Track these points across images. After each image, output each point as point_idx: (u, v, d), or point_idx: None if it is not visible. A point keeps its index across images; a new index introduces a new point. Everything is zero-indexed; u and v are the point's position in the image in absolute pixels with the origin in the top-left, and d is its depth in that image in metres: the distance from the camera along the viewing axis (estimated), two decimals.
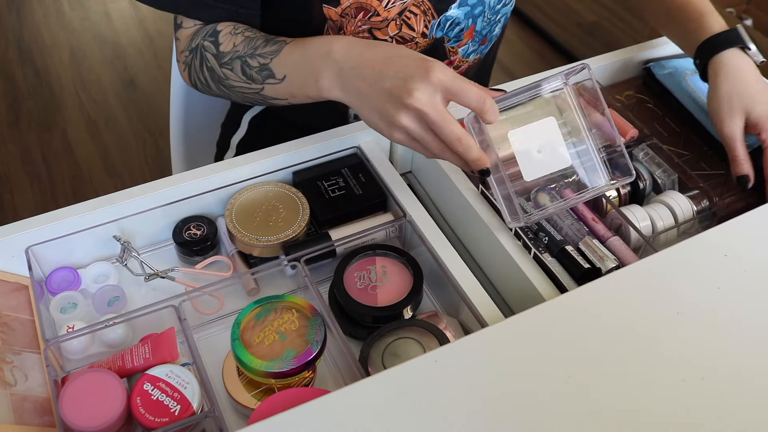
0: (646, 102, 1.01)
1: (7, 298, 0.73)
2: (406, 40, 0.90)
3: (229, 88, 0.82)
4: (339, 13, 0.86)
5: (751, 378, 0.62)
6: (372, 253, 0.79)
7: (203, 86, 0.85)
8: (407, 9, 0.87)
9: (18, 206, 2.04)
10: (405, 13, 0.87)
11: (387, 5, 0.85)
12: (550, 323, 0.65)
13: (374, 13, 0.86)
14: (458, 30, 0.92)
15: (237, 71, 0.80)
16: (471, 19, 0.92)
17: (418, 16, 0.88)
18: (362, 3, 0.85)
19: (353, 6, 0.85)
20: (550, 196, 0.82)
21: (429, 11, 0.88)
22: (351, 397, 0.60)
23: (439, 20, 0.89)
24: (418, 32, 0.89)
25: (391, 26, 0.88)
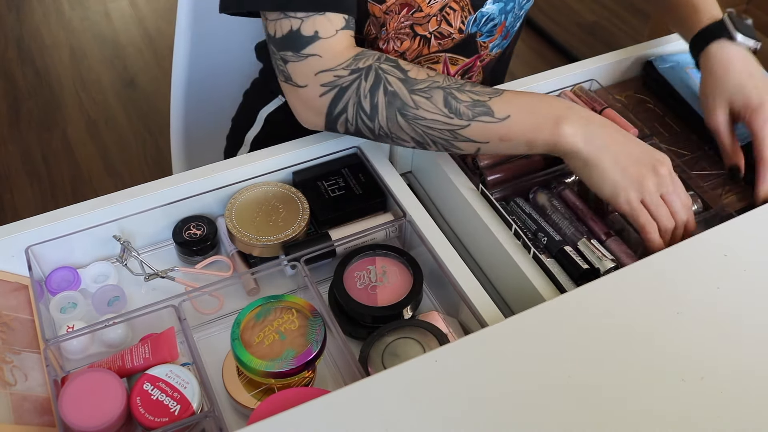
0: (646, 102, 1.01)
1: (7, 298, 0.73)
2: (444, 35, 0.90)
3: (413, 119, 0.74)
4: (383, 10, 0.85)
5: (751, 378, 0.63)
6: (372, 253, 0.79)
7: (359, 115, 0.76)
8: (448, 5, 0.86)
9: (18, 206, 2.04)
10: (445, 9, 0.86)
11: (430, 1, 0.85)
12: (550, 323, 0.65)
13: (417, 8, 0.85)
14: (492, 25, 0.91)
15: (437, 101, 0.74)
16: (504, 15, 0.91)
17: (456, 11, 0.87)
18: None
19: (398, 2, 0.84)
20: (548, 196, 0.82)
21: (467, 7, 0.87)
22: (351, 397, 0.60)
23: (475, 16, 0.89)
24: (455, 28, 0.89)
25: (432, 22, 0.87)
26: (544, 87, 0.95)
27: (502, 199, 0.83)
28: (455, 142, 0.75)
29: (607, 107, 0.92)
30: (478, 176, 0.83)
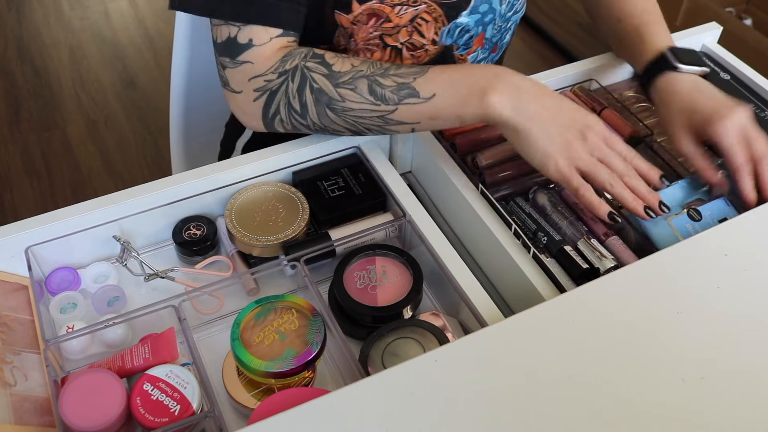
0: (646, 102, 1.01)
1: (7, 298, 0.73)
2: (417, 47, 0.90)
3: (342, 111, 0.76)
4: (351, 20, 0.85)
5: (751, 378, 0.63)
6: (372, 253, 0.79)
7: (291, 115, 0.78)
8: (419, 16, 0.86)
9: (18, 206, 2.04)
10: (416, 20, 0.87)
11: (399, 12, 0.85)
12: (550, 323, 0.65)
13: (386, 19, 0.85)
14: (468, 37, 0.92)
15: (362, 91, 0.75)
16: (481, 27, 0.92)
17: (429, 23, 0.87)
18: (375, 9, 0.84)
19: (365, 12, 0.84)
20: (548, 195, 0.82)
21: (440, 18, 0.88)
22: (351, 397, 0.60)
23: (449, 27, 0.89)
24: (428, 39, 0.89)
25: (402, 33, 0.88)
26: None
27: (502, 199, 0.83)
28: (388, 126, 0.77)
29: (606, 107, 0.92)
30: (478, 176, 0.83)
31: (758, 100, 0.96)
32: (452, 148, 0.87)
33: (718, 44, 1.06)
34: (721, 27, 1.06)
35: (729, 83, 0.99)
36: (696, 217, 0.78)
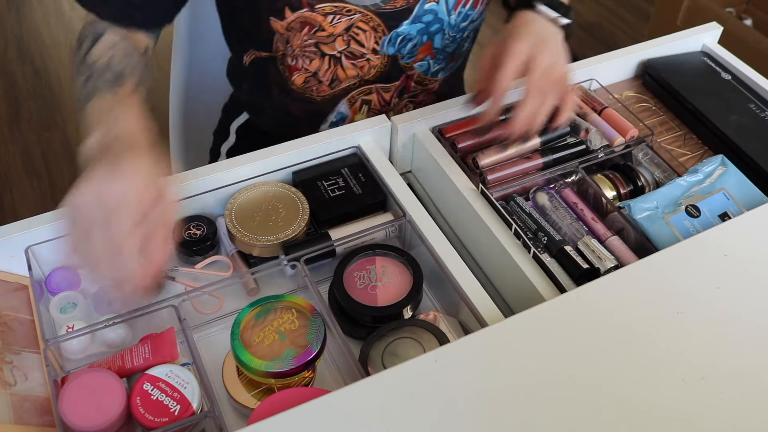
0: (646, 102, 1.01)
1: (7, 298, 0.73)
2: (356, 56, 0.91)
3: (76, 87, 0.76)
4: (285, 27, 0.87)
5: (751, 378, 0.63)
6: (372, 252, 0.78)
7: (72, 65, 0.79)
8: (354, 25, 0.87)
9: (18, 206, 2.04)
10: (353, 29, 0.88)
11: (333, 21, 0.86)
12: (550, 323, 0.65)
13: (319, 28, 0.87)
14: (411, 46, 0.92)
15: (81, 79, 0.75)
16: (426, 36, 0.92)
17: (367, 32, 0.88)
18: (307, 18, 0.85)
19: (298, 20, 0.86)
20: (548, 195, 0.82)
21: (379, 27, 0.88)
22: (351, 397, 0.60)
23: (390, 36, 0.90)
24: (368, 48, 0.90)
25: (339, 41, 0.89)
26: None
27: (502, 199, 0.83)
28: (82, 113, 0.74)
29: (607, 107, 0.92)
30: (478, 176, 0.84)
31: (758, 100, 0.96)
32: (452, 148, 0.87)
33: (718, 44, 1.06)
34: (721, 27, 1.06)
35: (729, 83, 0.99)
36: (694, 213, 0.78)
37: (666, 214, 0.78)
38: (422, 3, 0.88)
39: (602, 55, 1.01)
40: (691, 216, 0.78)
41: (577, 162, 0.85)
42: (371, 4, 0.86)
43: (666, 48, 1.03)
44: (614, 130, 0.89)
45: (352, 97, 0.97)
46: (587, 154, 0.87)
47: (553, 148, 0.86)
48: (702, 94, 0.97)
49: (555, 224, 0.80)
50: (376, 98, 0.98)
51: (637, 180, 0.85)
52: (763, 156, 0.87)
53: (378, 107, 0.99)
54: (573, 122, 0.89)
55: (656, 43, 1.03)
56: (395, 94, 0.98)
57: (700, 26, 1.06)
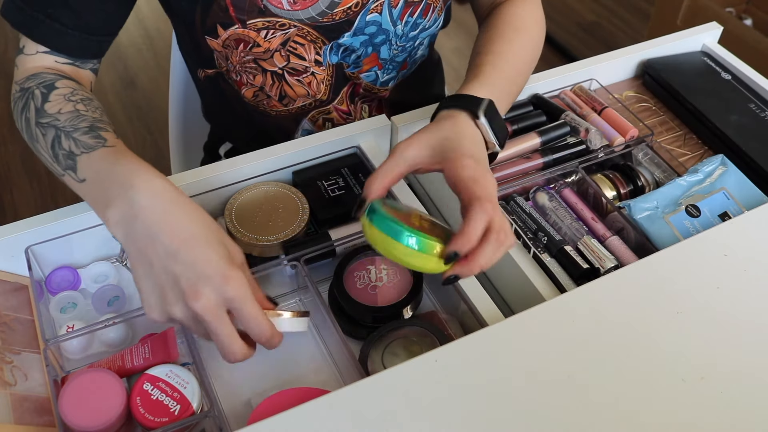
0: (646, 102, 1.01)
1: (7, 298, 0.73)
2: (300, 71, 0.89)
3: (37, 151, 0.71)
4: (221, 44, 0.86)
5: (750, 378, 0.63)
6: (372, 252, 0.78)
7: (20, 130, 0.74)
8: (291, 39, 0.85)
9: (18, 206, 2.04)
10: (290, 44, 0.85)
11: (267, 36, 0.84)
12: (550, 323, 0.65)
13: (254, 44, 0.85)
14: (355, 57, 0.90)
15: (48, 141, 0.69)
16: (371, 47, 0.89)
17: (305, 45, 0.86)
18: (240, 34, 0.84)
19: (232, 38, 0.85)
20: (548, 195, 0.82)
21: (318, 39, 0.86)
22: (351, 397, 0.60)
23: (331, 45, 0.87)
24: (310, 60, 0.88)
25: (277, 57, 0.87)
26: (544, 87, 0.95)
27: (502, 199, 0.83)
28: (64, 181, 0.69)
29: (607, 107, 0.92)
30: None
31: (758, 100, 0.96)
32: None
33: (718, 44, 1.06)
34: (721, 27, 1.06)
35: (729, 83, 0.99)
36: (694, 213, 0.78)
37: (666, 213, 0.78)
38: (363, 14, 0.85)
39: (602, 55, 1.01)
40: (691, 216, 0.78)
41: (577, 162, 0.85)
42: (306, 17, 0.83)
43: (666, 48, 1.03)
44: (614, 130, 0.89)
45: (312, 116, 0.97)
46: (587, 154, 0.87)
47: (553, 148, 0.86)
48: (702, 94, 0.97)
49: (555, 224, 0.80)
50: (336, 114, 0.97)
51: (637, 180, 0.85)
52: (763, 156, 0.87)
53: (342, 121, 0.98)
54: (573, 122, 0.89)
55: (656, 43, 1.03)
56: (347, 100, 0.96)
57: (700, 26, 1.06)
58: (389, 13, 0.86)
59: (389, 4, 0.85)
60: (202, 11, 0.83)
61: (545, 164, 0.85)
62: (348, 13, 0.84)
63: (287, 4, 0.82)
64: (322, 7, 0.82)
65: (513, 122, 0.90)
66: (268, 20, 0.83)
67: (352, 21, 0.85)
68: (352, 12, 0.84)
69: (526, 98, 0.95)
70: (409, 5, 0.87)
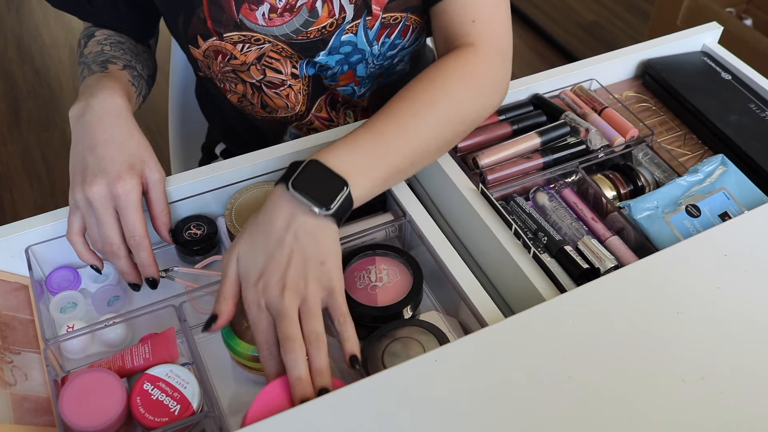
0: (646, 102, 1.01)
1: (7, 297, 0.73)
2: (276, 84, 0.90)
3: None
4: (201, 54, 0.88)
5: (751, 378, 0.63)
6: (372, 253, 0.78)
7: None
8: (266, 54, 0.86)
9: (18, 206, 2.04)
10: (265, 58, 0.87)
11: (243, 49, 0.85)
12: (550, 323, 0.65)
13: (231, 56, 0.86)
14: (331, 73, 0.90)
15: (80, 73, 0.86)
16: (346, 65, 0.89)
17: (280, 60, 0.87)
18: (218, 46, 0.86)
19: (211, 49, 0.86)
20: (548, 195, 0.82)
21: (293, 56, 0.87)
22: (351, 397, 0.60)
23: (307, 59, 0.88)
24: (286, 74, 0.89)
25: (254, 71, 0.88)
26: (544, 87, 0.95)
27: (502, 199, 0.83)
28: None
29: (607, 107, 0.92)
30: (478, 176, 0.84)
31: (758, 100, 0.96)
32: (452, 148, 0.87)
33: (718, 44, 1.06)
34: (721, 27, 1.06)
35: (729, 83, 0.99)
36: (694, 213, 0.78)
37: (666, 213, 0.78)
38: (338, 34, 0.85)
39: (602, 55, 1.01)
40: (692, 216, 0.78)
41: (577, 162, 0.85)
42: (281, 34, 0.84)
43: (666, 48, 1.03)
44: (614, 130, 0.89)
45: (296, 125, 0.97)
46: (587, 154, 0.87)
47: (553, 148, 0.86)
48: (702, 94, 0.97)
49: (555, 224, 0.80)
50: (318, 123, 0.97)
51: (637, 180, 0.85)
52: (763, 156, 0.87)
53: (325, 129, 0.98)
54: (573, 122, 0.89)
55: (656, 43, 1.03)
56: (327, 108, 0.96)
57: (700, 26, 1.06)
58: (365, 33, 0.86)
59: (365, 25, 0.85)
60: (184, 22, 0.85)
61: (545, 164, 0.85)
62: (323, 32, 0.84)
63: (262, 20, 0.82)
64: (296, 25, 0.83)
65: (513, 122, 0.90)
66: (243, 34, 0.84)
67: (327, 40, 0.85)
68: (327, 31, 0.84)
69: (526, 98, 0.95)
70: (386, 27, 0.87)
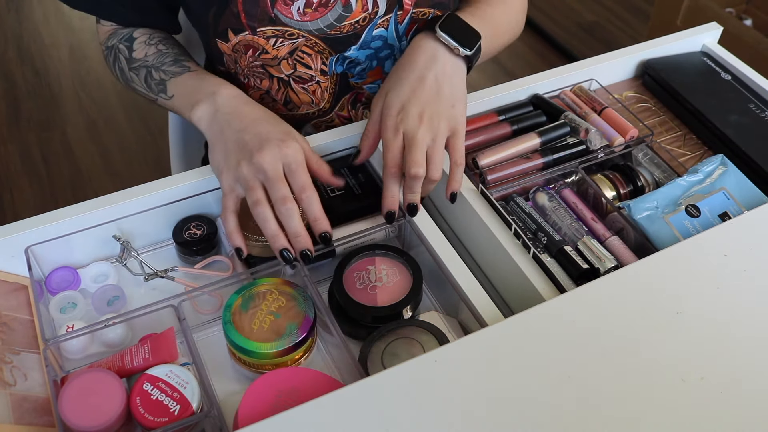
0: (646, 102, 1.01)
1: (7, 298, 0.73)
2: (305, 79, 0.91)
3: (134, 90, 0.90)
4: (230, 48, 0.88)
5: (750, 378, 0.63)
6: (371, 253, 0.78)
7: (116, 79, 0.93)
8: (299, 49, 0.87)
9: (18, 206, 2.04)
10: (297, 53, 0.88)
11: (275, 44, 0.86)
12: (550, 323, 0.65)
13: (263, 50, 0.87)
14: (360, 69, 0.92)
15: (141, 78, 0.88)
16: (375, 61, 0.91)
17: (312, 55, 0.88)
18: (249, 41, 0.86)
19: (242, 43, 0.87)
20: (548, 195, 0.82)
21: (325, 51, 0.88)
22: (351, 397, 0.60)
23: (337, 57, 0.89)
24: (315, 70, 0.90)
25: (284, 65, 0.89)
26: (544, 87, 0.95)
27: (502, 199, 0.83)
28: (158, 103, 0.88)
29: (606, 107, 0.92)
30: (478, 176, 0.84)
31: (758, 100, 0.96)
32: None
33: (718, 44, 1.06)
34: (721, 27, 1.06)
35: (729, 83, 0.99)
36: (694, 213, 0.78)
37: (666, 214, 0.78)
38: (370, 29, 0.87)
39: (602, 55, 1.01)
40: (691, 216, 0.78)
41: (577, 162, 0.85)
42: (315, 29, 0.85)
43: (666, 48, 1.03)
44: (614, 130, 0.89)
45: (315, 123, 0.98)
46: (587, 154, 0.87)
47: (553, 148, 0.86)
48: (702, 94, 0.97)
49: (555, 224, 0.80)
50: (338, 121, 0.98)
51: (637, 180, 0.85)
52: (763, 156, 0.87)
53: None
54: (573, 122, 0.89)
55: (656, 43, 1.03)
56: (349, 107, 0.97)
57: (700, 26, 1.06)
58: (395, 28, 0.88)
59: (395, 19, 0.87)
60: (215, 15, 0.85)
61: (545, 164, 0.85)
62: (355, 27, 0.86)
63: (297, 15, 0.83)
64: (330, 20, 0.84)
65: (513, 122, 0.90)
66: (277, 29, 0.85)
67: (359, 35, 0.87)
68: (360, 26, 0.86)
69: (526, 98, 0.95)
70: (415, 22, 0.89)
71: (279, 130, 0.76)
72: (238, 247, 0.75)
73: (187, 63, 0.86)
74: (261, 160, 0.72)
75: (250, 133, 0.75)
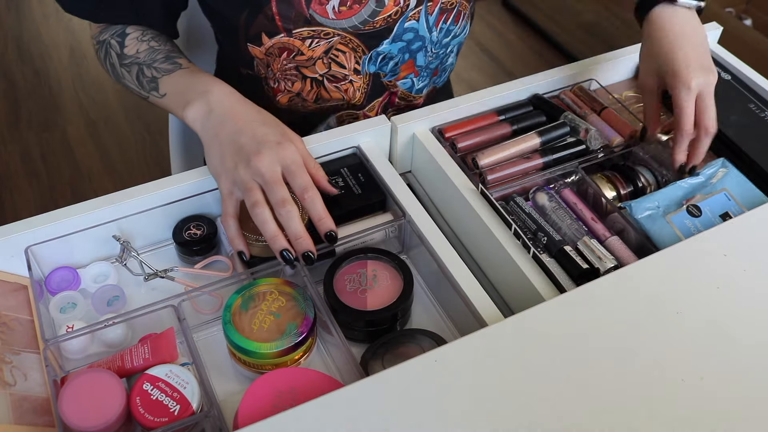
0: None
1: (7, 298, 0.73)
2: (339, 78, 0.92)
3: (125, 86, 0.89)
4: (263, 52, 0.89)
5: (750, 378, 0.63)
6: (363, 256, 0.78)
7: (108, 74, 0.92)
8: (334, 47, 0.88)
9: (17, 206, 2.04)
10: (332, 52, 0.88)
11: (311, 45, 0.87)
12: (550, 323, 0.65)
13: (298, 52, 0.88)
14: (393, 64, 0.93)
15: (132, 75, 0.86)
16: (407, 54, 0.92)
17: (347, 53, 0.89)
18: (284, 43, 0.87)
19: (276, 46, 0.87)
20: (548, 195, 0.82)
21: (359, 47, 0.89)
22: (351, 397, 0.60)
23: (370, 55, 0.90)
24: (349, 69, 0.91)
25: (319, 65, 0.90)
26: (544, 87, 0.95)
27: (502, 199, 0.83)
28: (150, 101, 0.87)
29: (606, 107, 0.92)
30: (478, 176, 0.84)
31: (758, 100, 0.96)
32: (452, 148, 0.87)
33: (718, 44, 1.06)
34: (721, 27, 1.06)
35: (729, 83, 0.99)
36: (695, 213, 0.78)
37: (667, 213, 0.78)
38: (402, 21, 0.88)
39: (602, 55, 1.01)
40: (693, 215, 0.78)
41: (577, 162, 0.85)
42: (349, 26, 0.86)
43: None
44: (614, 131, 0.89)
45: (340, 115, 0.98)
46: (587, 154, 0.87)
47: (553, 148, 0.86)
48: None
49: (555, 224, 0.80)
50: (363, 117, 0.98)
51: (637, 180, 0.85)
52: (763, 156, 0.87)
53: None
54: (572, 122, 0.89)
55: None
56: (379, 110, 0.99)
57: None
58: (426, 20, 0.89)
59: (426, 11, 0.88)
60: (246, 19, 0.85)
61: (545, 164, 0.85)
62: (388, 21, 0.87)
63: (332, 14, 0.84)
64: (364, 16, 0.85)
65: (513, 122, 0.90)
66: (313, 29, 0.85)
67: (392, 28, 0.88)
68: (392, 20, 0.87)
69: (526, 98, 0.95)
70: (443, 12, 0.90)
71: (276, 132, 0.76)
72: (240, 251, 0.75)
73: (179, 60, 0.85)
74: (258, 164, 0.72)
75: (247, 136, 0.75)
